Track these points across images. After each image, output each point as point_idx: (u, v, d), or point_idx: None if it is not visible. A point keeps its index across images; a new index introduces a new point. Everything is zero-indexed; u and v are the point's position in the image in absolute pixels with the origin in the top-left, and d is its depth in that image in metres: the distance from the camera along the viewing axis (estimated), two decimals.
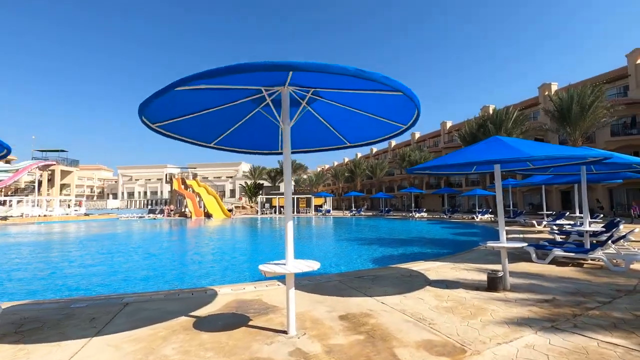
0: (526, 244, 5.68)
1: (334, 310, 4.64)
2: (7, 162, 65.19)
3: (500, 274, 5.50)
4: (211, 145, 4.79)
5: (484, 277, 6.41)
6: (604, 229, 9.66)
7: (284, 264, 3.82)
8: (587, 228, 8.30)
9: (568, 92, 26.05)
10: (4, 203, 35.75)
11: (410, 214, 34.28)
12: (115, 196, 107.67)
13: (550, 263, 7.73)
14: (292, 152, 5.17)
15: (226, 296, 5.41)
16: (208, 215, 41.19)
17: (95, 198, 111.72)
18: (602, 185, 28.54)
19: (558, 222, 15.96)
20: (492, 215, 26.05)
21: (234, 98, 3.85)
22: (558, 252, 7.68)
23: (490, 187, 27.69)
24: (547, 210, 25.24)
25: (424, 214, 34.01)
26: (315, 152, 5.21)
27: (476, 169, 7.20)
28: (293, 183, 65.65)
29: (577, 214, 14.63)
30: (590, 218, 15.20)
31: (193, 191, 47.52)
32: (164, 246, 14.85)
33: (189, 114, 3.89)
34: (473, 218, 26.72)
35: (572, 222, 15.22)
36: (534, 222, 17.87)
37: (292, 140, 4.94)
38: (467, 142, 29.75)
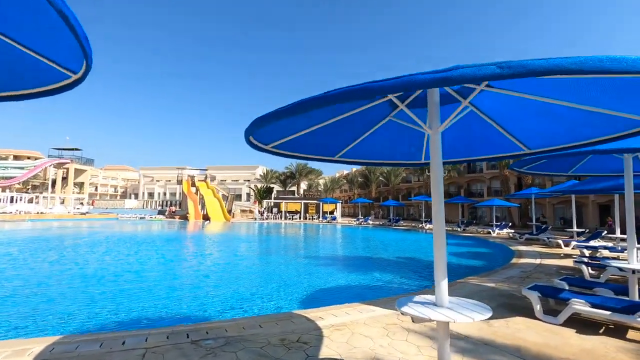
0: (486, 314, 2.47)
1: None
2: (37, 159, 67.15)
3: None
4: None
5: (433, 353, 3.39)
6: None
7: None
8: (635, 264, 4.94)
9: None
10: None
11: (421, 225, 30.59)
12: (136, 196, 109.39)
13: (566, 324, 4.47)
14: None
15: None
16: (206, 218, 39.29)
17: (118, 197, 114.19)
18: None
19: (591, 243, 12.26)
20: (512, 230, 22.04)
21: None
22: (580, 306, 4.40)
23: (510, 197, 23.73)
24: (580, 227, 21.04)
25: None
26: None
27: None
28: (304, 187, 63.15)
29: (618, 234, 10.90)
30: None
31: (199, 193, 45.94)
32: (71, 257, 11.76)
33: None
34: (489, 232, 22.82)
35: (609, 245, 11.50)
36: (560, 241, 14.06)
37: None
38: None
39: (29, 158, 68.85)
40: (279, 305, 6.55)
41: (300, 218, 45.13)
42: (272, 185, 62.50)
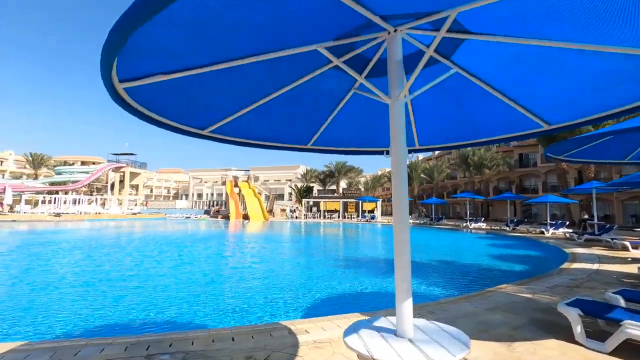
0: (458, 354, 1.73)
1: None
2: (100, 164, 73.78)
3: None
4: None
5: None
6: None
7: None
8: None
9: None
10: (64, 202, 38.84)
11: (465, 224, 28.55)
12: (187, 197, 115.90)
13: (617, 352, 3.45)
14: None
15: None
16: (246, 217, 40.22)
17: (170, 198, 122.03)
18: None
19: None
20: (569, 230, 19.60)
21: None
22: (636, 330, 3.36)
23: (568, 192, 21.17)
24: None
25: (482, 224, 27.99)
26: None
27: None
28: (344, 186, 62.46)
29: None
30: None
31: (240, 193, 47.25)
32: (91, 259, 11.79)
33: None
34: (543, 232, 20.52)
35: None
36: (627, 243, 12.03)
37: None
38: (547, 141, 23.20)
39: (93, 163, 75.62)
40: (277, 313, 6.04)
41: (339, 217, 44.60)
42: (312, 185, 62.62)
